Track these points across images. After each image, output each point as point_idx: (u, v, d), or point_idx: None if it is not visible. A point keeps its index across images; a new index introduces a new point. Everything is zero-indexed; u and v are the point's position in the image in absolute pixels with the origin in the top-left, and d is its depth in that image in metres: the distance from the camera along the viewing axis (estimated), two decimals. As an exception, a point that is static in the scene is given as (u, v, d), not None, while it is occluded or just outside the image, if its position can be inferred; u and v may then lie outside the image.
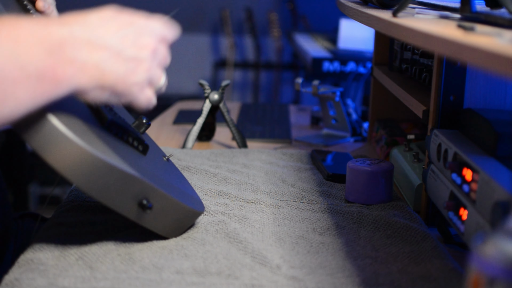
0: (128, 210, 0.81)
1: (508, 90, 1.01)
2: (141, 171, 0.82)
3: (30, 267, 0.79)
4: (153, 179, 0.84)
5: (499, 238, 0.51)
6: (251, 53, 4.19)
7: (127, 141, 0.88)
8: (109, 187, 0.78)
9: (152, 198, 0.83)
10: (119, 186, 0.79)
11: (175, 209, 0.87)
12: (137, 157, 0.88)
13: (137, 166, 0.83)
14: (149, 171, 0.86)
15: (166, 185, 0.87)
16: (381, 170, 1.08)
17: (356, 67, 2.31)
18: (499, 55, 0.57)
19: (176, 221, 0.88)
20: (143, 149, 0.90)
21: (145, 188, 0.82)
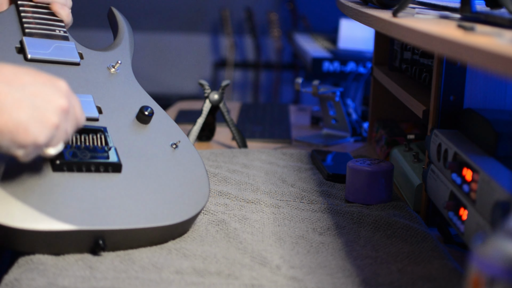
0: (88, 250, 0.83)
1: (508, 90, 1.01)
2: (85, 215, 0.82)
3: (29, 267, 0.79)
4: (109, 216, 0.84)
5: (499, 238, 0.51)
6: (251, 53, 4.19)
7: (89, 170, 0.87)
8: (56, 244, 0.81)
9: (108, 237, 0.83)
10: (64, 242, 0.82)
11: (143, 235, 0.86)
12: (94, 189, 0.86)
13: (81, 208, 0.83)
14: (108, 205, 0.85)
15: (133, 210, 0.86)
16: (381, 170, 1.08)
17: (356, 67, 2.31)
18: (499, 55, 0.57)
19: (155, 238, 0.88)
20: (113, 169, 0.89)
21: (93, 233, 0.82)
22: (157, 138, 0.98)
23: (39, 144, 0.76)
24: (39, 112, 0.75)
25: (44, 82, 0.78)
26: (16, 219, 0.78)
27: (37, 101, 0.75)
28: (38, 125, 0.75)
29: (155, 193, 0.90)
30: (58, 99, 0.77)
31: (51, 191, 0.83)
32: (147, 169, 0.93)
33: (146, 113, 0.98)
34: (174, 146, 0.98)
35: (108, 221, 0.83)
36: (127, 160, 0.91)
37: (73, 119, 0.81)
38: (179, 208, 0.90)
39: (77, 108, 0.82)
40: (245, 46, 4.24)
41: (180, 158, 0.97)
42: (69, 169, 0.86)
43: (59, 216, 0.80)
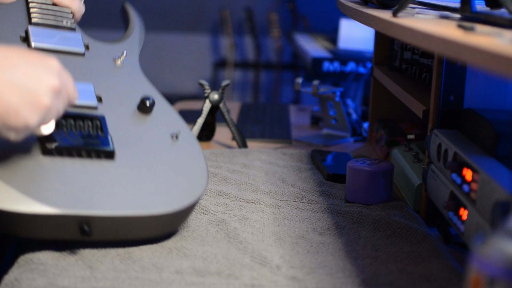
0: (74, 236, 0.82)
1: (508, 90, 1.01)
2: (73, 198, 0.81)
3: (29, 267, 0.79)
4: (96, 201, 0.82)
5: (499, 238, 0.51)
6: (251, 53, 4.19)
7: (80, 156, 0.86)
8: (39, 228, 0.80)
9: (94, 223, 0.81)
10: (49, 225, 0.80)
11: (131, 224, 0.84)
12: (84, 174, 0.84)
13: (71, 191, 0.81)
14: (96, 191, 0.83)
15: (123, 196, 0.84)
16: (381, 170, 1.08)
17: (356, 67, 2.31)
18: (499, 55, 0.57)
19: (145, 230, 0.86)
20: (106, 156, 0.87)
21: (78, 218, 0.80)
22: (157, 129, 0.96)
23: (30, 127, 0.75)
24: (30, 95, 0.73)
25: (35, 63, 0.76)
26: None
27: (28, 83, 0.74)
28: (29, 108, 0.73)
29: (148, 182, 0.88)
30: (49, 79, 0.76)
31: (38, 175, 0.82)
32: (142, 158, 0.91)
33: (147, 103, 0.96)
34: (175, 137, 0.96)
35: (94, 206, 0.81)
36: (122, 149, 0.90)
37: (65, 97, 0.80)
38: (171, 198, 0.88)
39: (70, 86, 0.81)
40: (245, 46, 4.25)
41: (179, 149, 0.96)
42: (59, 154, 0.84)
43: (43, 199, 0.79)
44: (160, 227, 0.87)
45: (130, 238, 0.86)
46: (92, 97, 0.94)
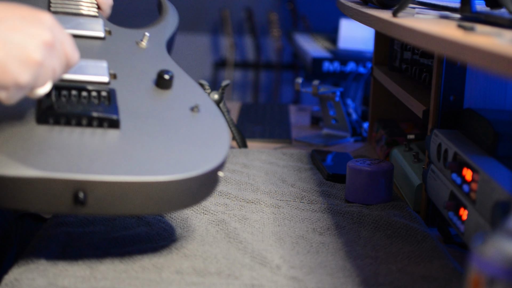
0: (67, 208, 0.73)
1: (508, 90, 1.01)
2: (66, 162, 0.73)
3: (29, 267, 0.79)
4: (92, 165, 0.73)
5: (499, 238, 0.51)
6: (251, 53, 4.19)
7: (79, 124, 0.78)
8: (30, 197, 0.72)
9: (89, 189, 0.72)
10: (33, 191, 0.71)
11: (132, 192, 0.74)
12: (82, 140, 0.77)
13: (64, 156, 0.73)
14: (94, 155, 0.75)
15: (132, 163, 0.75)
16: (381, 170, 1.08)
17: (356, 67, 2.31)
18: (499, 55, 0.57)
19: (148, 201, 0.75)
20: (110, 125, 0.79)
21: (72, 182, 0.71)
22: (176, 102, 0.88)
23: (21, 84, 0.68)
24: (18, 49, 0.67)
25: (24, 16, 0.70)
26: None
27: (16, 37, 0.68)
28: (18, 63, 0.67)
29: (156, 149, 0.79)
30: (40, 33, 0.69)
31: (31, 141, 0.75)
32: (153, 127, 0.82)
33: (165, 76, 0.89)
34: (195, 109, 0.87)
35: (91, 170, 0.73)
36: (131, 119, 0.82)
37: (61, 55, 0.73)
38: (180, 165, 0.77)
39: (67, 44, 0.74)
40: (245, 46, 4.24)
41: (198, 121, 0.86)
42: (56, 122, 0.77)
43: (32, 163, 0.71)
44: (165, 200, 0.76)
45: (130, 212, 0.76)
46: (104, 73, 0.88)
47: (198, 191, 0.79)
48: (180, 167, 0.76)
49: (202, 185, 0.78)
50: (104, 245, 0.86)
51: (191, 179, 0.76)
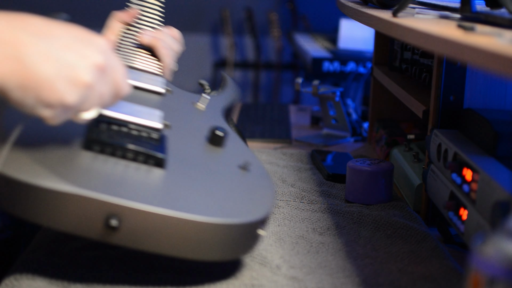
0: (98, 233, 0.70)
1: (508, 90, 1.01)
2: (104, 185, 0.71)
3: (30, 267, 0.79)
4: (130, 191, 0.71)
5: (499, 238, 0.51)
6: (251, 53, 4.19)
7: (124, 157, 0.76)
8: (58, 214, 0.69)
9: (124, 216, 0.69)
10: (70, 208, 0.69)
11: (169, 228, 0.71)
12: (124, 171, 0.75)
13: (102, 180, 0.72)
14: (134, 182, 0.74)
15: (171, 199, 0.73)
16: (381, 170, 1.08)
17: (356, 67, 2.31)
18: (499, 55, 0.57)
19: (185, 242, 0.72)
20: (155, 163, 0.77)
21: (106, 205, 0.69)
22: (225, 159, 0.86)
23: (67, 105, 0.66)
24: (68, 68, 0.65)
25: (78, 36, 0.68)
26: (15, 169, 0.68)
27: (68, 56, 0.66)
28: (66, 82, 0.65)
29: (197, 192, 0.76)
30: (92, 55, 0.67)
31: (72, 162, 0.72)
32: (198, 174, 0.79)
33: (217, 133, 0.87)
34: (243, 168, 0.84)
35: (127, 196, 0.69)
36: (177, 163, 0.79)
37: (111, 81, 0.70)
38: (220, 210, 0.74)
39: (118, 72, 0.72)
40: (245, 46, 4.24)
41: (244, 177, 0.84)
42: (101, 150, 0.75)
43: (70, 179, 0.69)
44: (199, 244, 0.72)
45: (161, 250, 0.72)
46: (158, 120, 0.86)
47: (235, 242, 0.75)
48: (219, 212, 0.73)
49: (240, 236, 0.75)
50: (103, 245, 0.86)
51: (229, 226, 0.73)
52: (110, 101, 0.72)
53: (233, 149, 0.89)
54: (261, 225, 0.77)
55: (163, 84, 0.99)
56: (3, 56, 0.63)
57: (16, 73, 0.63)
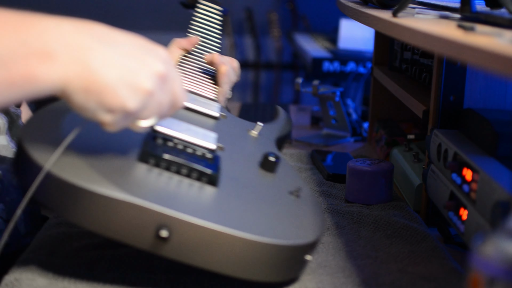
0: (147, 243, 0.70)
1: (508, 90, 1.01)
2: (161, 197, 0.72)
3: (30, 267, 0.79)
4: (183, 203, 0.72)
5: (499, 238, 0.51)
6: (251, 53, 4.19)
7: (178, 172, 0.77)
8: (109, 221, 0.70)
9: (175, 228, 0.70)
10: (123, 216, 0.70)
11: (219, 244, 0.71)
12: (177, 186, 0.76)
13: (158, 192, 0.73)
14: (187, 197, 0.74)
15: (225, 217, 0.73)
16: (381, 170, 1.08)
17: (356, 67, 2.31)
18: (499, 55, 0.57)
19: (234, 259, 0.72)
20: (208, 180, 0.78)
21: (158, 215, 0.69)
22: (276, 183, 0.87)
23: (128, 110, 0.67)
24: (131, 74, 0.67)
25: (141, 45, 0.70)
26: (70, 173, 0.68)
27: (130, 63, 0.67)
28: (128, 89, 0.66)
29: (248, 211, 0.76)
30: (154, 63, 0.69)
31: (127, 172, 0.73)
32: (250, 195, 0.80)
33: (270, 158, 0.88)
34: (295, 193, 0.85)
35: (180, 209, 0.70)
36: (230, 183, 0.80)
37: (170, 91, 0.72)
38: (270, 231, 0.74)
39: (177, 83, 0.73)
40: (245, 46, 4.24)
41: (295, 202, 0.84)
42: (156, 164, 0.76)
43: (124, 187, 0.69)
44: (247, 263, 0.72)
45: (209, 266, 0.72)
46: (212, 141, 0.87)
47: (283, 265, 0.75)
48: (270, 233, 0.73)
49: (288, 259, 0.75)
50: (104, 245, 0.86)
51: (279, 247, 0.73)
52: (167, 111, 0.73)
53: (284, 175, 0.90)
54: (310, 250, 0.78)
55: (218, 109, 1.02)
56: (69, 59, 0.64)
57: (80, 76, 0.64)
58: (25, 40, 0.63)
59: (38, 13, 0.66)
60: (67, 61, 0.64)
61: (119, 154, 0.76)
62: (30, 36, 0.63)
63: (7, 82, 0.63)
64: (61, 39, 0.64)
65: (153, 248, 0.70)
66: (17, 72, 0.62)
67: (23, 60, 0.62)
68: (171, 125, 0.85)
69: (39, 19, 0.65)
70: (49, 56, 0.63)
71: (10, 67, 0.62)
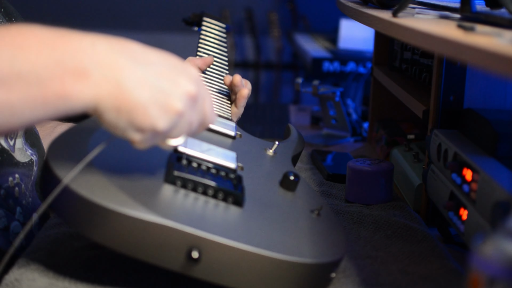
0: (177, 264, 0.71)
1: (508, 90, 1.01)
2: (190, 219, 0.73)
3: (30, 267, 0.79)
4: (213, 225, 0.73)
5: (499, 238, 0.51)
6: (251, 53, 4.19)
7: (205, 193, 0.78)
8: (140, 243, 0.70)
9: (206, 249, 0.71)
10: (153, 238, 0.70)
11: (248, 263, 0.72)
12: (204, 206, 0.77)
13: (189, 214, 0.74)
14: (216, 218, 0.76)
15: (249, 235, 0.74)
16: (381, 170, 1.08)
17: (356, 67, 2.31)
18: (499, 55, 0.57)
19: (262, 278, 0.73)
20: (233, 201, 0.79)
21: (188, 236, 0.70)
22: (297, 202, 0.88)
23: (158, 130, 0.68)
24: (162, 95, 0.67)
25: (174, 65, 0.71)
26: (99, 195, 0.69)
27: (163, 83, 0.68)
28: (159, 109, 0.67)
29: (275, 231, 0.77)
30: (186, 84, 0.70)
31: (156, 193, 0.75)
32: (274, 215, 0.81)
33: (290, 177, 0.89)
34: (316, 212, 0.85)
35: (210, 230, 0.71)
36: (254, 203, 0.81)
37: (200, 111, 0.73)
38: (296, 250, 0.75)
39: (207, 102, 0.74)
40: (245, 46, 4.24)
41: (317, 221, 0.85)
42: (183, 185, 0.78)
43: (155, 209, 0.70)
44: (274, 282, 0.73)
45: (237, 285, 0.73)
46: (233, 161, 0.88)
47: (310, 283, 0.76)
48: (295, 252, 0.74)
49: (315, 277, 0.76)
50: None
51: (305, 265, 0.74)
52: (197, 130, 0.74)
53: (304, 193, 0.91)
54: (335, 268, 0.78)
55: (234, 128, 1.03)
56: (102, 78, 0.65)
57: (112, 95, 0.65)
58: (61, 58, 0.64)
59: (74, 31, 0.67)
60: (100, 80, 0.65)
61: (145, 174, 0.77)
62: (66, 54, 0.64)
63: (42, 100, 0.64)
64: (96, 58, 0.65)
65: (184, 269, 0.71)
66: (51, 90, 0.64)
67: (58, 79, 0.63)
68: (193, 146, 0.86)
69: (74, 37, 0.66)
70: (83, 74, 0.64)
71: (45, 85, 0.63)
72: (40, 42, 0.64)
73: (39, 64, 0.63)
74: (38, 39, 0.64)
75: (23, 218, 0.98)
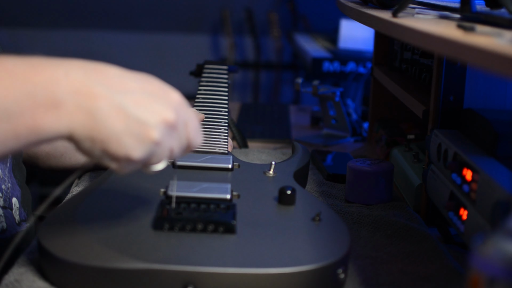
0: None
1: (508, 90, 1.01)
2: (174, 256, 0.74)
3: (30, 268, 0.79)
4: (207, 258, 0.74)
5: (499, 238, 0.51)
6: (251, 53, 4.19)
7: (194, 229, 0.79)
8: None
9: (200, 282, 0.71)
10: None
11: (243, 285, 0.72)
12: (195, 244, 0.77)
13: (175, 252, 0.75)
14: (204, 249, 0.76)
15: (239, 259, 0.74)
16: (381, 170, 1.08)
17: (356, 67, 2.31)
18: (499, 55, 0.57)
19: None
20: (225, 230, 0.79)
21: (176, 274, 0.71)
22: (297, 215, 0.87)
23: (133, 160, 0.67)
24: (137, 124, 0.66)
25: (153, 91, 0.69)
26: (90, 258, 0.72)
27: (138, 111, 0.67)
28: (134, 138, 0.66)
29: (270, 247, 0.77)
30: (163, 111, 0.68)
31: (144, 242, 0.76)
32: (270, 232, 0.81)
33: (286, 192, 0.89)
34: (317, 218, 0.85)
35: (200, 263, 0.72)
36: (249, 226, 0.81)
37: (182, 136, 0.72)
38: (294, 259, 0.75)
39: (191, 126, 0.73)
40: (245, 46, 4.24)
41: (318, 227, 0.84)
42: (170, 227, 0.78)
43: (142, 257, 0.72)
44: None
45: None
46: (226, 192, 0.89)
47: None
48: (291, 262, 0.74)
49: (318, 282, 0.75)
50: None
51: (304, 273, 0.73)
52: (180, 154, 0.73)
53: (303, 203, 0.90)
54: (339, 266, 0.77)
55: (230, 160, 1.03)
56: (75, 108, 0.64)
57: (86, 125, 0.65)
58: (32, 91, 0.63)
59: (48, 59, 0.66)
60: (73, 110, 0.64)
61: (132, 223, 0.80)
62: (37, 87, 0.64)
63: (13, 134, 0.63)
64: (69, 88, 0.64)
65: None
66: (23, 124, 0.63)
67: (29, 112, 0.63)
68: (184, 189, 0.88)
69: (48, 67, 0.65)
70: (55, 105, 0.64)
71: (16, 120, 0.63)
72: (11, 76, 0.63)
73: (9, 99, 0.62)
74: (9, 72, 0.63)
75: (3, 202, 0.99)
